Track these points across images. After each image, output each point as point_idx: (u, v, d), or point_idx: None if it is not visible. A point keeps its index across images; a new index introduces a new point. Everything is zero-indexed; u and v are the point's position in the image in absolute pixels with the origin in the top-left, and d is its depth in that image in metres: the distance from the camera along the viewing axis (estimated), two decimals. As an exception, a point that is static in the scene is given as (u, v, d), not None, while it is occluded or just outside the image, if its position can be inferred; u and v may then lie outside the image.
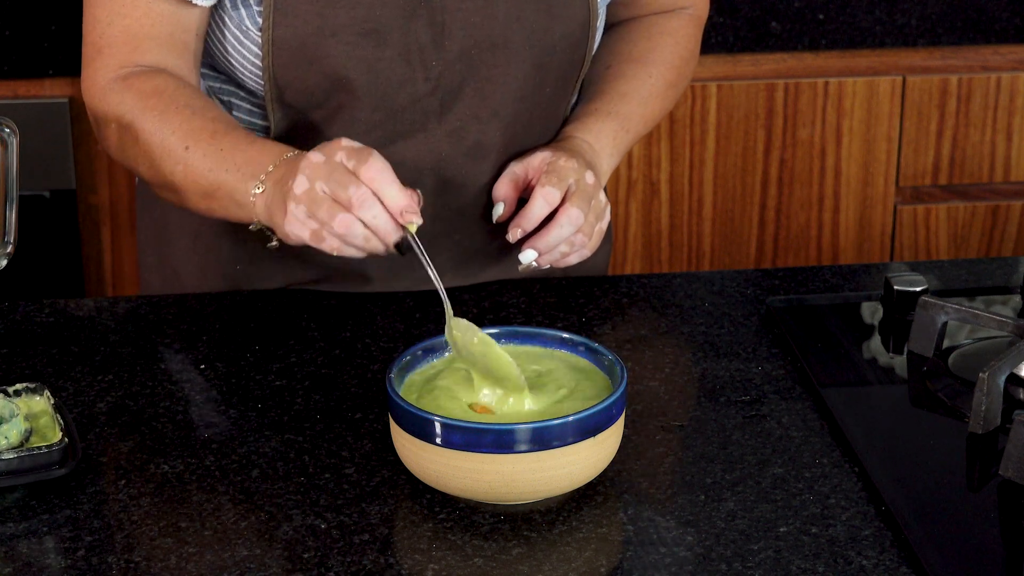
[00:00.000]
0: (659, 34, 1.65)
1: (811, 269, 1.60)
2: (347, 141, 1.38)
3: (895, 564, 1.16)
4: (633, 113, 1.59)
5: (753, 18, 2.36)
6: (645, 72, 1.62)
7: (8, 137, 1.38)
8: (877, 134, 2.40)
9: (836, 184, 2.42)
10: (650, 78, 1.62)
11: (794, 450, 1.30)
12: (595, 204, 1.49)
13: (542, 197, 1.46)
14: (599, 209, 1.49)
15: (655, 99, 1.62)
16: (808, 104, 2.38)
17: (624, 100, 1.60)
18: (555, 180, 1.47)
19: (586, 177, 1.48)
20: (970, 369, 1.38)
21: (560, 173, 1.47)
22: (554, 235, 1.46)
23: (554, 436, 1.18)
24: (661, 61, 1.63)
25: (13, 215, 1.39)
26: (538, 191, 1.46)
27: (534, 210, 1.46)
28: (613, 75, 1.62)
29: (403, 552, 1.18)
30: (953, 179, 2.44)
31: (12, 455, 1.23)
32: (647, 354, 1.45)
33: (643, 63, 1.62)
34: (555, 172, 1.48)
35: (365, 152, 1.37)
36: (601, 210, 1.50)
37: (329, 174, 1.36)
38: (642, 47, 1.64)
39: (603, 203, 1.50)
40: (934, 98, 2.39)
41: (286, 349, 1.45)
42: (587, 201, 1.47)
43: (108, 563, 1.16)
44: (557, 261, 1.48)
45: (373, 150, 1.37)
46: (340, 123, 1.51)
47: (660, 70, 1.62)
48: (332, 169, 1.36)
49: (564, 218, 1.45)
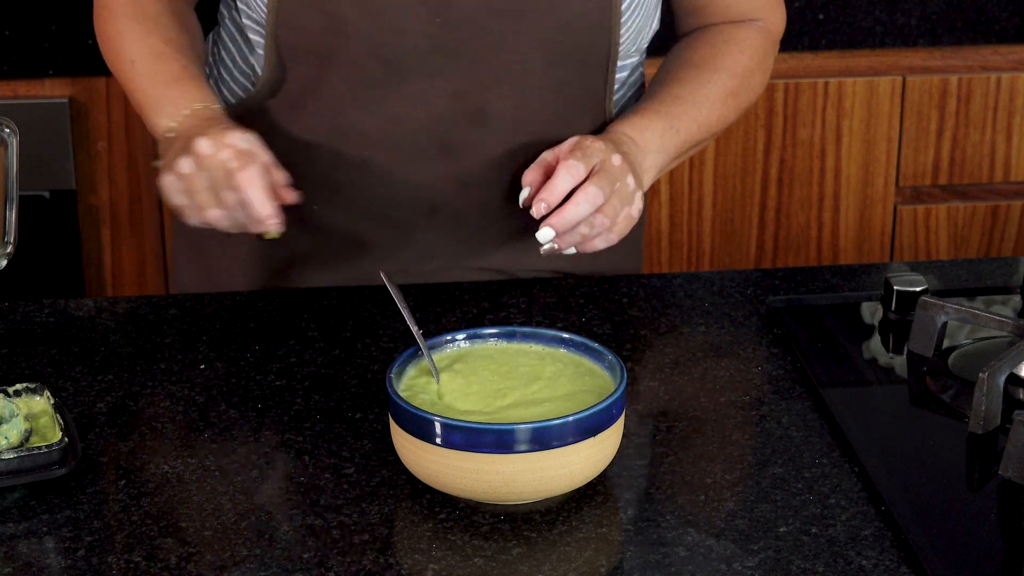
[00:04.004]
0: (723, 42, 1.63)
1: (811, 269, 1.60)
2: (238, 138, 1.42)
3: (895, 564, 1.16)
4: (684, 114, 1.57)
5: (753, 18, 2.36)
6: (703, 77, 1.60)
7: (8, 137, 1.38)
8: (877, 134, 2.40)
9: (836, 184, 2.42)
10: (708, 83, 1.60)
11: (794, 450, 1.30)
12: (620, 188, 1.46)
13: (566, 170, 1.44)
14: (625, 194, 1.47)
15: (712, 104, 1.60)
16: (808, 104, 2.38)
17: (677, 101, 1.58)
18: (580, 155, 1.45)
19: (613, 159, 1.46)
20: (970, 369, 1.38)
21: (586, 151, 1.46)
22: (570, 212, 1.43)
23: (554, 436, 1.18)
24: (722, 68, 1.61)
25: (13, 215, 1.39)
26: (562, 164, 1.44)
27: (557, 183, 1.43)
28: (671, 79, 1.61)
29: (403, 552, 1.18)
30: (953, 179, 2.44)
31: (12, 455, 1.23)
32: (647, 354, 1.45)
33: (702, 68, 1.61)
34: (581, 149, 1.46)
35: (248, 157, 1.40)
36: (628, 195, 1.47)
37: (210, 170, 1.41)
38: (704, 53, 1.63)
39: (631, 188, 1.47)
40: (934, 98, 2.39)
41: (286, 349, 1.45)
42: (610, 182, 1.45)
43: (108, 563, 1.16)
44: (580, 244, 1.46)
45: (259, 154, 1.42)
46: (336, 70, 1.51)
47: (720, 76, 1.61)
48: (213, 167, 1.41)
49: (581, 195, 1.43)
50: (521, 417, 1.23)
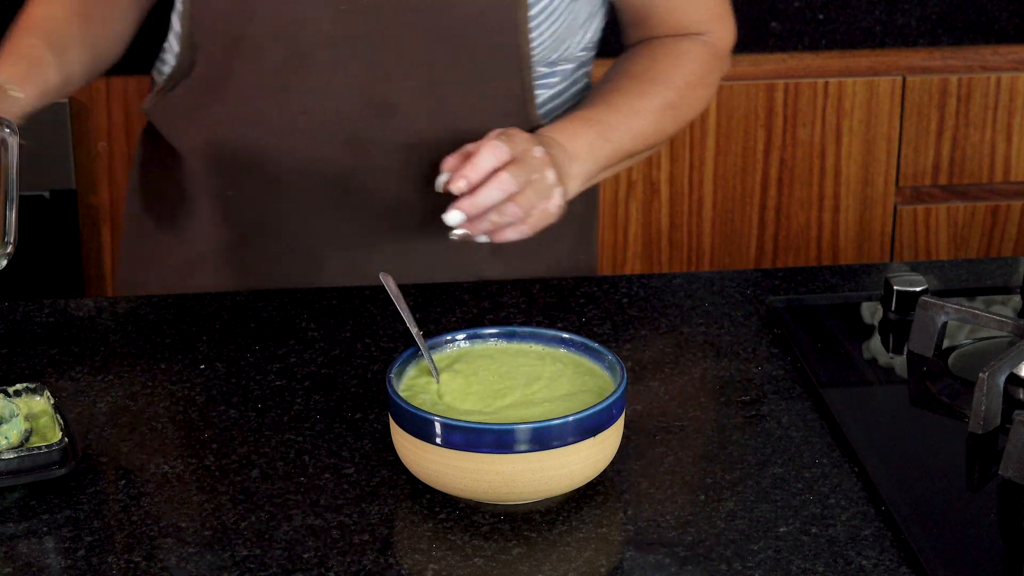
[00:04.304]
0: (664, 55, 1.63)
1: (811, 269, 1.60)
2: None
3: (895, 564, 1.16)
4: (619, 125, 1.56)
5: (753, 18, 2.36)
6: (641, 88, 1.59)
7: (8, 137, 1.38)
8: (877, 134, 2.40)
9: (836, 184, 2.42)
10: (645, 95, 1.59)
11: (794, 450, 1.30)
12: (538, 180, 1.45)
13: (489, 150, 1.42)
14: (543, 187, 1.45)
15: (648, 116, 1.59)
16: (808, 104, 2.38)
17: (611, 111, 1.57)
18: (504, 139, 1.44)
19: (534, 150, 1.45)
20: (970, 369, 1.38)
21: (511, 137, 1.45)
22: (480, 197, 1.41)
23: (554, 436, 1.18)
24: (661, 80, 1.60)
25: (13, 215, 1.39)
26: (486, 144, 1.43)
27: (480, 161, 1.42)
28: (609, 88, 1.60)
29: (403, 552, 1.18)
30: (953, 179, 2.44)
31: (12, 455, 1.23)
32: (647, 354, 1.45)
33: (640, 80, 1.60)
34: (505, 134, 1.45)
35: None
36: (546, 189, 1.45)
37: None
38: (644, 65, 1.62)
39: (550, 182, 1.46)
40: (934, 98, 2.40)
41: (286, 349, 1.45)
42: (526, 172, 1.44)
43: (108, 563, 1.16)
44: (491, 233, 1.44)
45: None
46: (243, 55, 1.52)
47: (658, 88, 1.60)
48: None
49: (494, 182, 1.42)
50: (521, 417, 1.23)
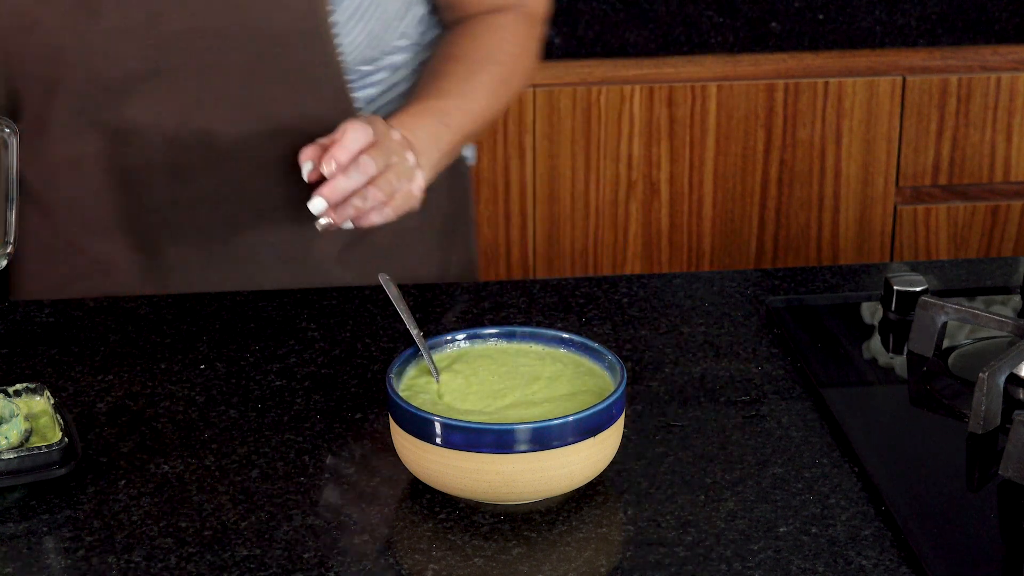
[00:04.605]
0: (484, 32, 1.62)
1: (811, 269, 1.60)
2: None
3: (895, 564, 1.16)
4: (455, 109, 1.55)
5: (753, 18, 2.36)
6: (468, 70, 1.59)
7: (8, 137, 1.38)
8: (877, 134, 2.40)
9: (836, 184, 2.42)
10: (474, 75, 1.58)
11: (794, 450, 1.30)
12: (398, 163, 1.45)
13: (352, 130, 1.41)
14: (403, 169, 1.45)
15: (481, 94, 1.58)
16: (808, 104, 2.38)
17: (444, 96, 1.56)
18: (364, 122, 1.43)
19: (392, 134, 1.45)
20: (970, 369, 1.38)
21: (370, 120, 1.45)
22: (341, 182, 1.40)
23: (554, 436, 1.18)
24: (486, 58, 1.60)
25: (13, 215, 1.39)
26: (348, 126, 1.42)
27: (347, 141, 1.41)
28: (435, 75, 1.59)
29: (403, 552, 1.18)
30: (953, 179, 2.44)
31: (12, 455, 1.23)
32: (647, 354, 1.45)
33: (466, 60, 1.59)
34: (363, 118, 1.45)
35: None
36: (407, 171, 1.45)
37: None
38: (465, 46, 1.61)
39: (410, 165, 1.45)
40: (934, 98, 2.40)
41: (286, 349, 1.45)
42: (385, 155, 1.43)
43: (108, 563, 1.16)
44: (356, 218, 1.44)
45: None
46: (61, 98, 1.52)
47: (486, 66, 1.59)
48: None
49: (353, 167, 1.41)
50: (521, 417, 1.23)
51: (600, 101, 2.39)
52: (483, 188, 2.43)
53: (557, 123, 2.40)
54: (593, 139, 2.41)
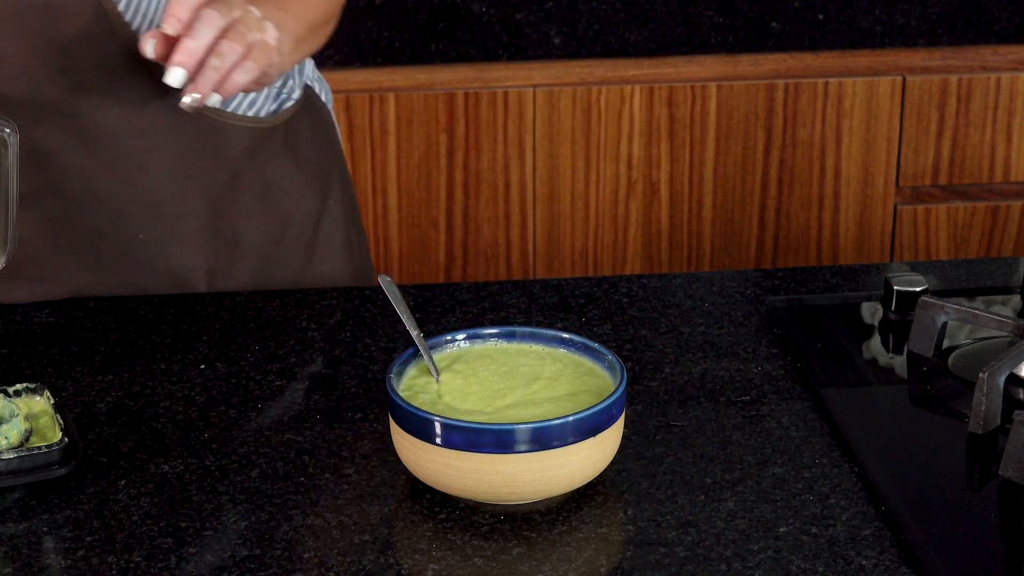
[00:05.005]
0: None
1: (811, 269, 1.60)
2: None
3: (895, 564, 1.16)
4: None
5: (753, 18, 2.36)
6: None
7: (8, 137, 1.38)
8: (877, 134, 2.40)
9: (836, 184, 2.42)
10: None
11: (794, 450, 1.30)
12: (243, 15, 1.36)
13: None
14: (252, 20, 1.37)
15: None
16: (808, 104, 2.38)
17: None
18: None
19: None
20: (970, 369, 1.38)
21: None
22: (189, 44, 1.32)
23: (554, 436, 1.18)
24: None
25: (13, 215, 1.39)
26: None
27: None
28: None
29: (403, 552, 1.18)
30: (953, 179, 2.44)
31: (12, 455, 1.23)
32: (647, 354, 1.45)
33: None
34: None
35: None
36: (256, 22, 1.37)
37: None
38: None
39: (257, 16, 1.37)
40: (934, 98, 2.40)
41: (286, 349, 1.45)
42: (227, 9, 1.35)
43: (108, 563, 1.16)
44: (222, 85, 1.36)
45: None
46: None
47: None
48: None
49: (197, 22, 1.33)
50: (521, 417, 1.23)
51: (600, 101, 2.39)
52: (483, 188, 2.43)
53: (557, 123, 2.40)
54: (593, 139, 2.41)
